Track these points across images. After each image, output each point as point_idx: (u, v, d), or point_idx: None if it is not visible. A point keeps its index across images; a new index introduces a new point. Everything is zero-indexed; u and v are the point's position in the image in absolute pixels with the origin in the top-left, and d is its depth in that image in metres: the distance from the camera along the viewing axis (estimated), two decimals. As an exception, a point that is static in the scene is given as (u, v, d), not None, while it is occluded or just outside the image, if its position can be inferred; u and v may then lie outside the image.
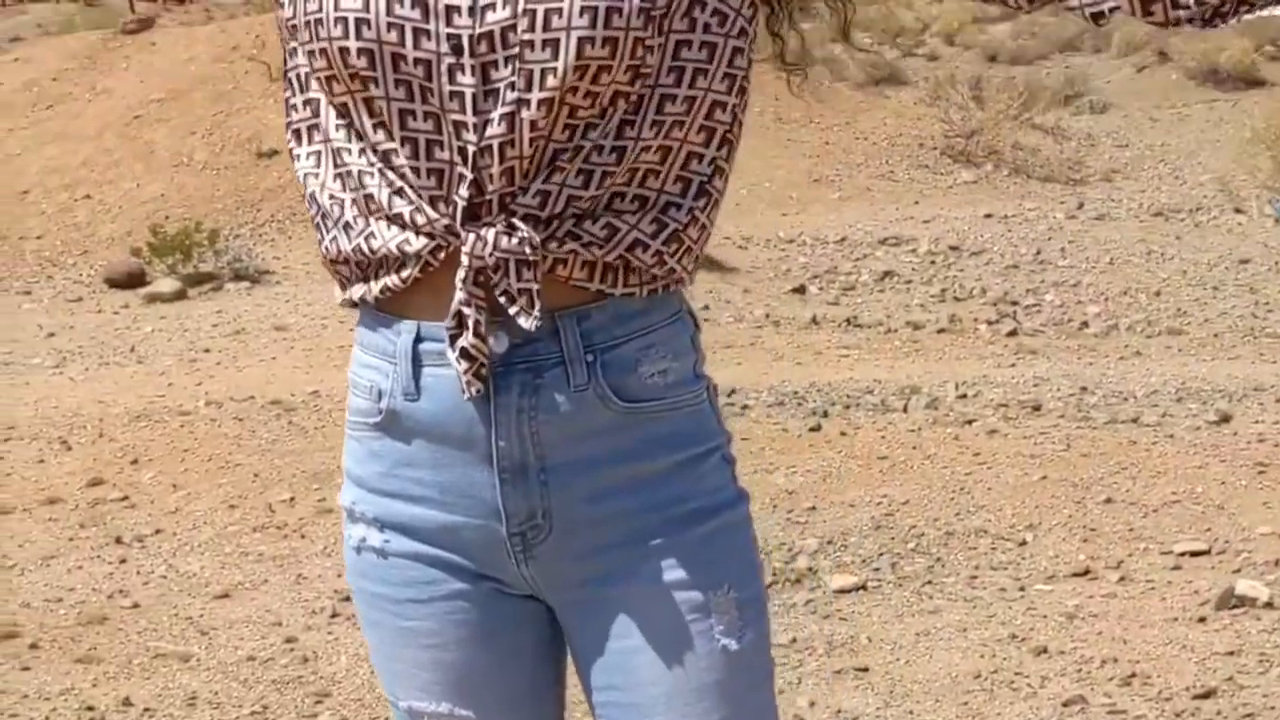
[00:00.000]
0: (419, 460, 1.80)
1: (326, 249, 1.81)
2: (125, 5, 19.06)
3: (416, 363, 1.77)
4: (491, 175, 1.68)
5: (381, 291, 1.77)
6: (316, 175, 1.79)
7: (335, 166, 1.78)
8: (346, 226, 1.77)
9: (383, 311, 1.80)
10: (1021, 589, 5.65)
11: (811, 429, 7.45)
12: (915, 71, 24.42)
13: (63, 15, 26.71)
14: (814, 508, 6.46)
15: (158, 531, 6.39)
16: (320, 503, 6.63)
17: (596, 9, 1.65)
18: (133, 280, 11.84)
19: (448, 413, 1.77)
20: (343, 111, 1.75)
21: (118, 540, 6.29)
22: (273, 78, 15.86)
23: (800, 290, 11.46)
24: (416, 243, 1.72)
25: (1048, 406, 7.91)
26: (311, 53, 1.73)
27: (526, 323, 1.69)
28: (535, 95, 1.66)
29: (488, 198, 1.69)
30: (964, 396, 8.14)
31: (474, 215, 1.70)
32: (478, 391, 1.73)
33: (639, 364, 1.78)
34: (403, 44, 1.67)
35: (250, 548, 6.22)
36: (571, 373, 1.75)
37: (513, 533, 1.79)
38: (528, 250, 1.68)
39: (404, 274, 1.75)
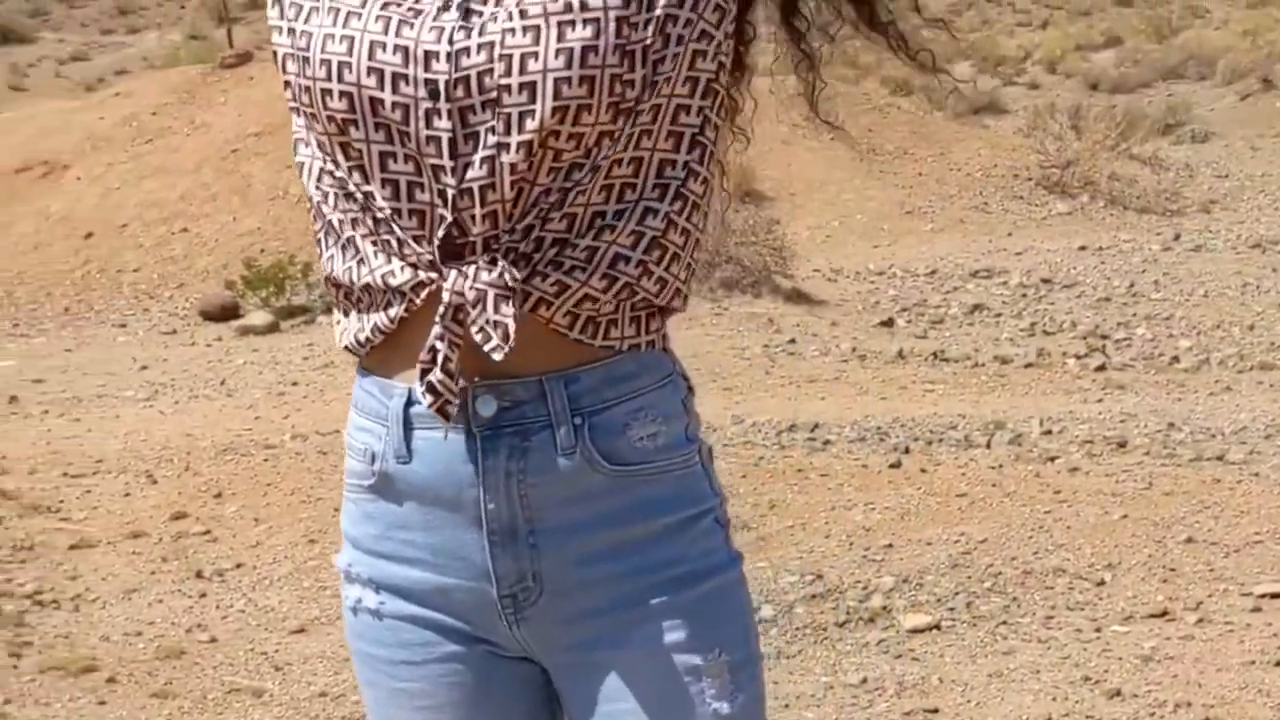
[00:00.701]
0: (411, 522, 1.81)
1: (325, 265, 1.83)
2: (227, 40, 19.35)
3: (408, 426, 1.79)
4: (474, 217, 1.69)
5: (372, 332, 1.79)
6: (320, 188, 1.81)
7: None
8: (343, 248, 1.79)
9: (375, 374, 1.82)
10: (1098, 630, 5.58)
11: (892, 465, 7.41)
12: (1015, 100, 24.34)
13: (168, 48, 27.17)
14: (890, 545, 6.43)
15: (238, 565, 6.46)
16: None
17: (572, 49, 1.66)
18: (226, 313, 11.99)
19: (439, 475, 1.78)
20: (322, 147, 1.77)
21: (198, 574, 6.37)
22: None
23: (888, 323, 11.40)
24: (401, 275, 1.74)
25: (1133, 443, 7.82)
26: (295, 87, 1.75)
27: (498, 355, 1.69)
28: (514, 139, 1.67)
29: (471, 239, 1.71)
30: (1048, 433, 8.07)
31: (457, 255, 1.71)
32: (451, 426, 1.74)
33: (628, 427, 1.78)
34: (381, 88, 1.69)
35: (328, 582, 6.27)
36: (559, 436, 1.76)
37: (503, 595, 1.80)
38: (507, 280, 1.69)
39: (390, 313, 1.76)
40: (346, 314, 1.84)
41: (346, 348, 1.85)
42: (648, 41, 1.69)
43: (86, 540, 6.78)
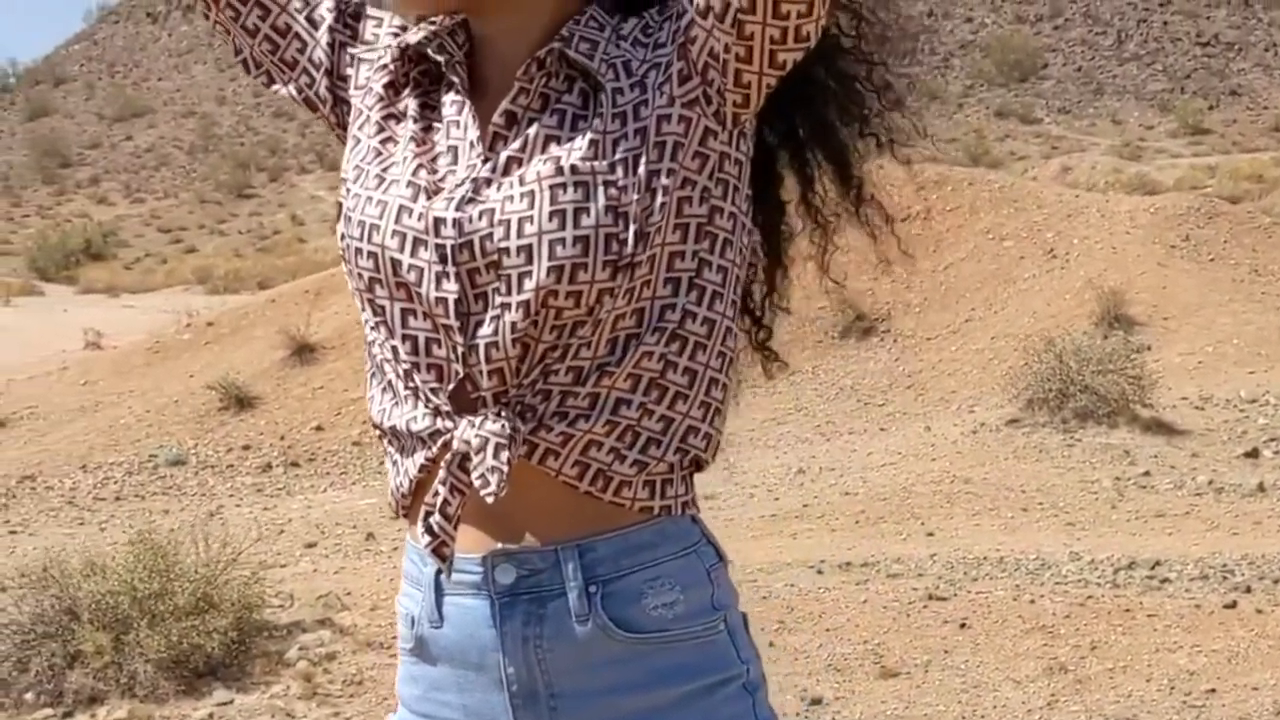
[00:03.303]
0: (446, 684, 1.86)
1: (369, 403, 1.91)
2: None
3: (439, 591, 1.85)
4: (483, 373, 1.76)
5: (404, 480, 1.85)
6: (369, 333, 1.89)
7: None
8: (384, 390, 1.87)
9: (412, 540, 1.89)
10: None
11: (1226, 605, 7.07)
12: None
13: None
14: (1213, 690, 6.12)
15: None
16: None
17: (565, 211, 1.72)
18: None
19: (467, 639, 1.83)
20: (359, 299, 1.87)
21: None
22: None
23: (1253, 454, 10.91)
24: (421, 422, 1.81)
25: None
26: (341, 243, 1.86)
27: (490, 497, 1.74)
28: (515, 299, 1.73)
29: (481, 393, 1.77)
30: (1407, 575, 7.58)
31: (470, 408, 1.78)
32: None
33: (644, 596, 1.80)
34: (401, 251, 1.78)
35: None
36: (572, 603, 1.80)
37: None
38: (507, 429, 1.74)
39: (416, 459, 1.83)
40: (391, 463, 1.91)
41: (389, 504, 1.92)
42: (635, 199, 1.74)
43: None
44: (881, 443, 12.28)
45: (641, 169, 1.75)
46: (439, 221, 1.76)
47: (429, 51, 1.87)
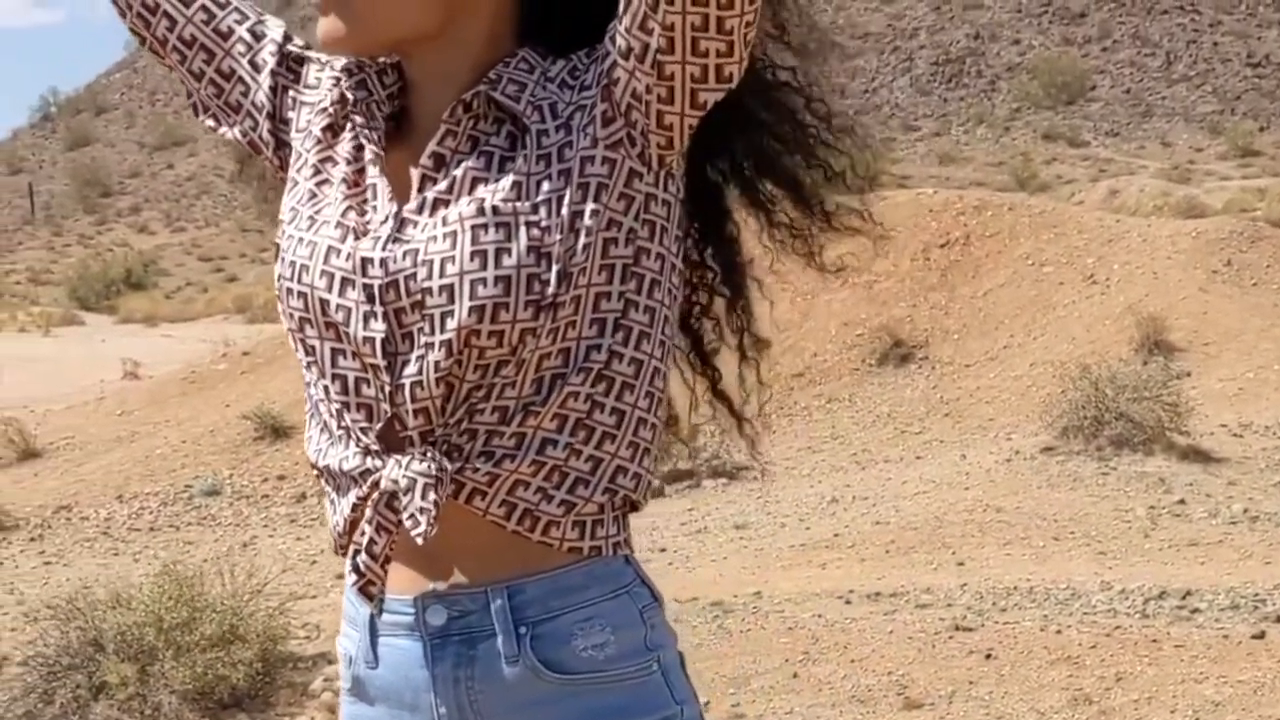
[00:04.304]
0: None
1: (306, 443, 1.91)
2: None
3: (374, 632, 1.86)
4: (409, 412, 1.77)
5: (340, 520, 1.86)
6: (307, 370, 1.91)
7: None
8: (320, 429, 1.88)
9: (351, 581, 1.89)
10: None
11: (1255, 636, 7.00)
12: None
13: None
14: (1238, 723, 6.06)
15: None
16: (734, 708, 6.66)
17: (486, 251, 1.73)
18: (615, 479, 12.22)
19: (401, 680, 1.84)
20: (292, 339, 1.88)
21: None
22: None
23: (1290, 482, 10.82)
24: (352, 461, 1.82)
25: None
26: (276, 283, 1.87)
27: (419, 538, 1.75)
28: (438, 338, 1.74)
29: (409, 433, 1.77)
30: None
31: (399, 447, 1.79)
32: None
33: (574, 637, 1.80)
34: (329, 291, 1.80)
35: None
36: (501, 645, 1.80)
37: None
38: (433, 469, 1.75)
39: (349, 498, 1.83)
40: (329, 502, 1.92)
41: (330, 544, 1.94)
42: (558, 239, 1.75)
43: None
44: (916, 471, 12.22)
45: (565, 210, 1.76)
46: (366, 261, 1.78)
47: (346, 91, 1.89)
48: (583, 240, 1.76)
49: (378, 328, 1.76)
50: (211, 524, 12.76)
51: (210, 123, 2.03)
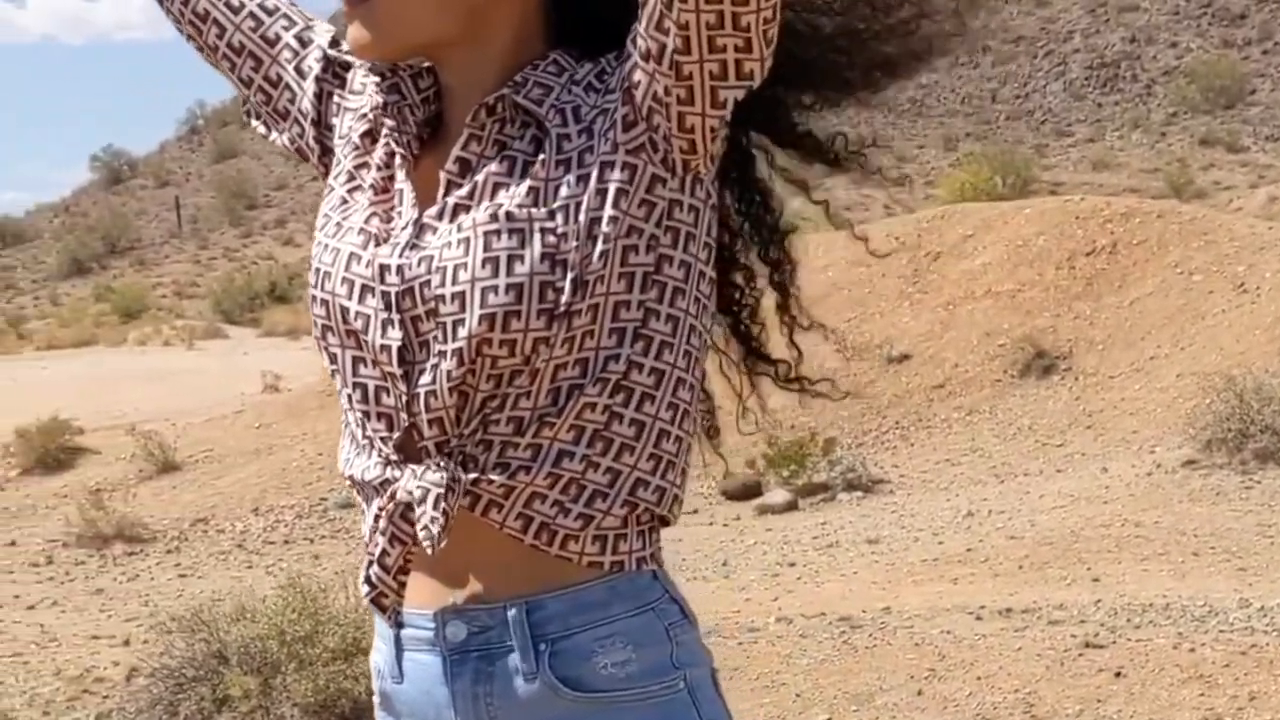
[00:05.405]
0: None
1: (340, 450, 1.90)
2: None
3: (399, 647, 1.84)
4: (424, 422, 1.75)
5: (369, 537, 1.84)
6: (333, 378, 1.90)
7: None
8: (350, 439, 1.87)
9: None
10: None
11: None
12: None
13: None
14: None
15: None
16: (857, 726, 6.56)
17: (498, 258, 1.70)
18: (748, 492, 12.16)
19: (424, 695, 1.83)
20: (318, 347, 1.87)
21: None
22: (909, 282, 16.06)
23: None
24: (372, 472, 1.80)
25: None
26: (308, 289, 1.87)
27: (429, 549, 1.73)
28: (450, 346, 1.71)
29: (425, 443, 1.75)
30: None
31: (416, 458, 1.77)
32: (389, 618, 1.82)
33: (594, 655, 1.77)
34: (350, 297, 1.78)
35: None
36: (520, 662, 1.77)
37: None
38: (446, 479, 1.72)
39: (373, 508, 1.82)
40: (362, 512, 1.90)
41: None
42: (575, 246, 1.71)
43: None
44: (1055, 485, 12.01)
45: (582, 216, 1.72)
46: (384, 268, 1.76)
47: (378, 94, 1.88)
48: (600, 247, 1.72)
49: (394, 335, 1.75)
50: (345, 537, 12.88)
51: (261, 129, 2.05)
